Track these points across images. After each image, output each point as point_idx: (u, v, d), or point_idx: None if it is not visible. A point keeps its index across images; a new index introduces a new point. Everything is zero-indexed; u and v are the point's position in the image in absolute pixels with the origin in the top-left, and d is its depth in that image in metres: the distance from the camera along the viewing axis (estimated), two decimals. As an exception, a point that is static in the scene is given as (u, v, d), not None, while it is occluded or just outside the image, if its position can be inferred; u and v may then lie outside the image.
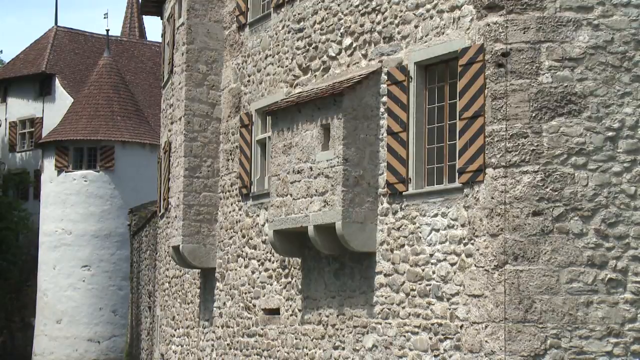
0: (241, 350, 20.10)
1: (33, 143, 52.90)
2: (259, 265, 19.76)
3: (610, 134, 14.51)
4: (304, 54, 18.63)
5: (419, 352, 15.66)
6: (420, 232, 15.81)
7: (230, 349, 20.55)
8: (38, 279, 47.85)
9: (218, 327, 21.12)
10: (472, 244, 14.94)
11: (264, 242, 19.60)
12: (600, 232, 14.50)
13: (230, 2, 22.00)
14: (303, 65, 18.68)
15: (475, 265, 14.89)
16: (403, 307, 16.01)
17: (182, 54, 22.25)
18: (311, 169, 17.03)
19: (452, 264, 15.24)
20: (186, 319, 22.96)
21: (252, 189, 20.13)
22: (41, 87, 54.45)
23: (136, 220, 32.37)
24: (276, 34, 19.73)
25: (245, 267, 20.23)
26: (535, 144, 14.54)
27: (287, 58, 19.24)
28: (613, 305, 14.45)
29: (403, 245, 16.11)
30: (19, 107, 54.56)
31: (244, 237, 20.39)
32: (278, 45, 19.63)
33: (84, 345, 46.27)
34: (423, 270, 15.70)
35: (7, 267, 50.35)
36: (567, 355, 14.37)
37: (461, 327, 15.01)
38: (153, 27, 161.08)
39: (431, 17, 15.72)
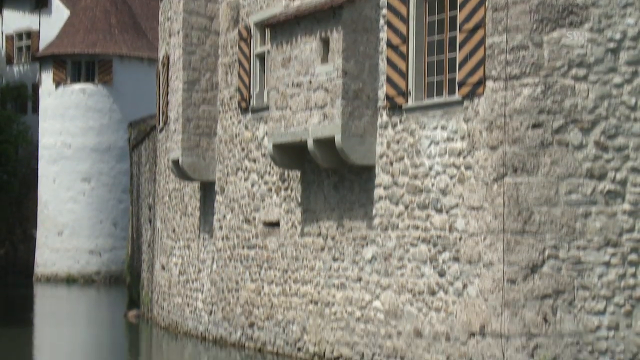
0: (241, 263, 20.27)
1: (30, 56, 52.59)
2: (259, 179, 19.82)
3: (611, 45, 14.43)
4: (303, -35, 18.43)
5: (418, 263, 15.80)
6: (420, 145, 15.83)
7: (230, 261, 20.73)
8: (38, 192, 48.02)
9: (218, 239, 21.27)
10: (472, 156, 14.97)
11: (263, 155, 19.63)
12: (600, 144, 14.51)
13: None
14: (301, -23, 18.49)
15: (474, 177, 14.94)
16: (402, 220, 16.10)
17: (179, -35, 22.00)
18: (310, 82, 16.97)
19: (452, 177, 15.29)
20: (186, 232, 23.11)
21: (252, 102, 20.09)
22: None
23: (135, 134, 32.35)
24: (274, -56, 19.50)
25: (245, 180, 20.29)
26: (536, 56, 14.47)
27: (285, -31, 19.04)
28: (611, 216, 14.54)
29: (402, 158, 16.14)
30: (15, 20, 54.09)
31: (243, 150, 20.41)
32: (276, -44, 19.41)
33: (85, 257, 46.64)
34: (422, 182, 15.75)
35: (7, 179, 50.48)
36: (565, 266, 14.50)
37: (460, 238, 15.12)
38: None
39: None
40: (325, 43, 16.74)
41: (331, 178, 17.70)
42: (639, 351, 14.41)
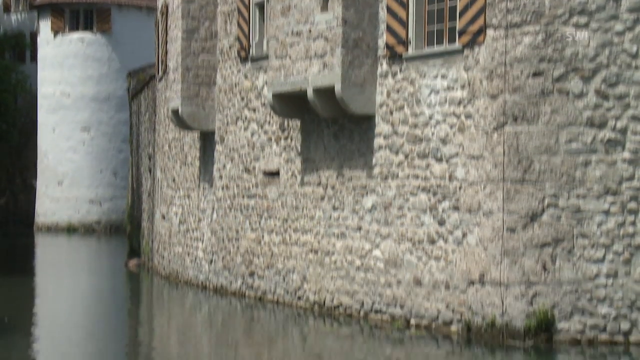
0: (241, 212, 20.30)
1: (28, 4, 52.29)
2: (259, 128, 19.79)
3: (612, -7, 14.35)
4: None
5: (417, 212, 15.83)
6: (420, 94, 15.79)
7: (230, 210, 20.76)
8: (38, 142, 47.99)
9: (218, 189, 21.29)
10: (472, 105, 14.94)
11: (263, 104, 19.58)
12: (601, 92, 14.48)
13: None
14: None
15: (474, 126, 14.93)
16: (402, 169, 16.11)
17: None
18: (310, 31, 16.89)
19: (452, 126, 15.28)
20: (186, 181, 23.12)
21: (251, 51, 19.99)
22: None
23: (134, 83, 32.22)
24: None
25: (245, 129, 20.27)
26: (537, 4, 14.38)
27: None
28: (611, 164, 14.55)
29: (402, 107, 16.11)
30: (12, -32, 53.74)
31: (243, 99, 20.36)
32: None
33: (86, 207, 46.73)
34: (422, 132, 15.73)
35: (6, 129, 50.43)
36: (565, 214, 14.53)
37: (460, 187, 15.14)
38: None
39: None
40: (325, -9, 16.63)
41: (331, 127, 17.68)
42: (637, 298, 14.49)
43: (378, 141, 16.57)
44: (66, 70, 46.39)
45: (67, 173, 46.71)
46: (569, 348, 14.16)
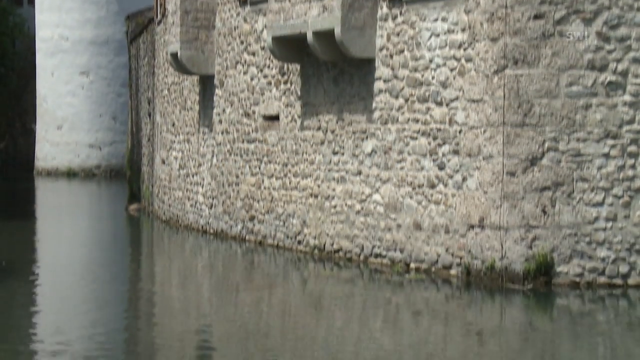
0: (241, 156, 20.29)
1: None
2: (258, 72, 19.70)
3: None
4: None
5: (417, 156, 15.81)
6: (420, 37, 15.70)
7: (230, 155, 20.74)
8: (37, 86, 47.82)
9: (218, 133, 21.25)
10: (472, 48, 14.86)
11: (262, 48, 19.48)
12: (602, 34, 14.40)
13: None
14: None
15: (474, 70, 14.86)
16: (402, 113, 16.06)
17: None
18: (309, -27, 16.74)
19: (452, 69, 15.21)
20: (186, 126, 23.08)
21: (250, -6, 19.85)
22: None
23: (133, 27, 31.99)
24: None
25: (244, 73, 20.18)
26: (538, -54, 14.25)
27: None
28: (612, 107, 14.52)
29: (402, 51, 16.03)
30: None
31: (242, 43, 20.25)
32: None
33: (86, 151, 46.69)
34: (422, 75, 15.67)
35: (5, 73, 50.22)
36: (565, 158, 14.53)
37: (460, 131, 15.11)
38: None
39: None
40: None
41: (331, 71, 17.60)
42: (636, 241, 14.53)
43: (378, 85, 16.50)
44: (64, 13, 46.07)
45: (66, 117, 46.60)
46: (567, 291, 14.23)
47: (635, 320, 13.03)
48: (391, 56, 16.21)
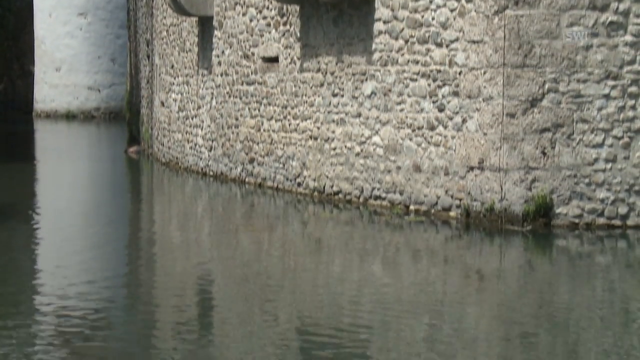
0: (240, 99, 20.24)
1: None
2: (257, 13, 19.58)
3: None
4: None
5: (417, 98, 15.77)
6: (420, -22, 15.58)
7: (229, 97, 20.69)
8: (34, 27, 47.53)
9: (217, 75, 21.18)
10: (472, -11, 14.75)
11: (261, -11, 19.34)
12: (603, -25, 14.30)
13: None
14: None
15: (475, 10, 14.77)
16: (402, 54, 15.99)
17: None
18: None
19: (452, 10, 15.11)
20: (185, 68, 22.98)
21: None
22: None
23: (130, -33, 31.79)
24: None
25: (243, 15, 20.06)
26: None
27: None
28: (612, 48, 14.46)
29: (402, -9, 15.91)
30: None
31: (240, -16, 20.11)
32: None
33: (85, 94, 46.54)
34: (422, 16, 15.57)
35: (2, 14, 49.91)
36: (565, 99, 14.50)
37: (460, 73, 15.05)
38: None
39: None
40: None
41: (330, 12, 17.49)
42: (635, 183, 14.55)
43: (378, 26, 16.41)
44: (61, -48, 45.66)
45: (64, 59, 46.38)
46: (566, 232, 14.29)
47: (634, 261, 13.10)
48: (391, -3, 16.11)
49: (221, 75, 21.00)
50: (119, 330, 9.52)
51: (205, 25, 21.80)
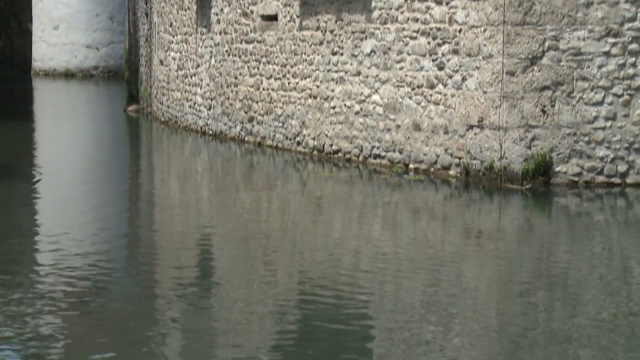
0: (240, 57, 20.17)
1: None
2: (256, -29, 19.47)
3: None
4: None
5: (417, 56, 15.72)
6: None
7: (228, 55, 20.61)
8: (32, -15, 47.29)
9: (216, 33, 21.08)
10: (472, -54, 14.67)
11: (259, -54, 19.22)
12: None
13: None
14: None
15: (475, -32, 14.69)
16: (402, 12, 15.91)
17: None
18: None
19: (452, -33, 15.03)
20: (184, 26, 22.88)
21: None
22: None
23: None
24: None
25: (242, -28, 19.95)
26: None
27: None
28: (613, 5, 14.39)
29: (402, -51, 15.82)
30: None
31: (239, -59, 19.98)
32: None
33: (83, 52, 46.37)
34: (422, -26, 15.48)
35: (-1, -28, 49.67)
36: (565, 57, 14.46)
37: (460, 31, 14.99)
38: None
39: None
40: None
41: (329, -30, 17.39)
42: (635, 140, 14.54)
43: (377, -16, 16.32)
44: None
45: (63, 17, 46.15)
46: (566, 191, 14.30)
47: (633, 219, 13.13)
48: (390, -46, 16.01)
49: (220, 33, 20.91)
50: (118, 289, 9.55)
51: (204, -17, 21.70)
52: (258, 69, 19.55)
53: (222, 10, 20.78)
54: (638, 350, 7.76)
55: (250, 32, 19.77)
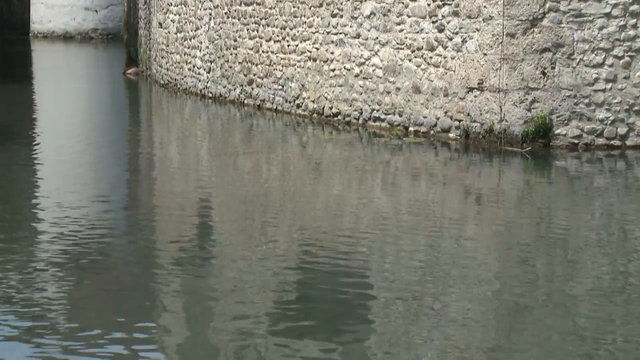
0: (239, 19, 20.09)
1: None
2: None
3: None
4: None
5: (417, 18, 15.66)
6: None
7: (228, 17, 20.53)
8: (30, -52, 47.01)
9: (215, -5, 21.00)
10: None
11: None
12: None
13: None
14: None
15: None
16: (402, -26, 15.84)
17: None
18: None
19: None
20: (183, -12, 22.79)
21: None
22: None
23: None
24: None
25: None
26: None
27: None
28: (614, -33, 14.34)
29: None
30: None
31: None
32: None
33: (82, 14, 46.17)
34: None
35: None
36: (565, 18, 14.40)
37: (460, -7, 14.93)
38: None
39: None
40: None
41: None
42: (635, 102, 14.52)
43: (377, -55, 16.23)
44: None
45: (61, -21, 45.89)
46: (565, 153, 14.30)
47: (633, 182, 13.13)
48: None
49: (219, -5, 20.81)
50: (118, 254, 9.57)
51: (203, -55, 21.58)
52: (257, 31, 19.48)
53: (221, -28, 20.68)
54: (636, 306, 7.80)
55: (250, -6, 19.69)
